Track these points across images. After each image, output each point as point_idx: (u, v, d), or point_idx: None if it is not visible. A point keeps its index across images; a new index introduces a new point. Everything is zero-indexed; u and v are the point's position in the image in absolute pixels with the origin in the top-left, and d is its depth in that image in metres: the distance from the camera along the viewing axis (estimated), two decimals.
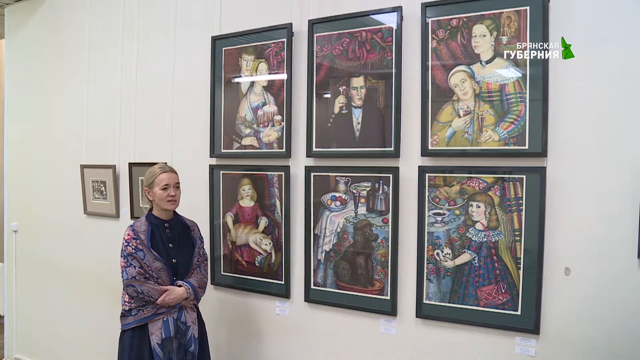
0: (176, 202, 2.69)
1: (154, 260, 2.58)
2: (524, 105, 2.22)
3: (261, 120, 2.97)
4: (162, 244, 2.65)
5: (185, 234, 2.76)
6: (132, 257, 2.56)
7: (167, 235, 2.68)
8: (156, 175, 2.64)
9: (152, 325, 2.58)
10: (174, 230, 2.72)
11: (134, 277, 2.53)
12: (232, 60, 3.08)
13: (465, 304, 2.38)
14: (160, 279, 2.60)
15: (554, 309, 2.20)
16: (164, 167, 2.69)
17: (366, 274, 2.64)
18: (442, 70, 2.41)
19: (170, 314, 2.61)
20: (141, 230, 2.62)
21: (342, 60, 2.68)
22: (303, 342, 2.91)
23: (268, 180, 2.95)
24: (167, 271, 2.61)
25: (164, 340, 2.57)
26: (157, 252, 2.60)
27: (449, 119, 2.39)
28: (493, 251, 2.30)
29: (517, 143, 2.23)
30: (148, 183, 2.66)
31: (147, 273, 2.57)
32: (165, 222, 2.71)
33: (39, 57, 4.31)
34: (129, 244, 2.58)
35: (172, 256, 2.66)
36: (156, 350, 2.55)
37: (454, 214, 2.39)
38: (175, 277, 2.66)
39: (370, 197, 2.61)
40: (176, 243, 2.70)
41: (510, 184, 2.26)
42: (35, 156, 4.38)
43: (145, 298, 2.54)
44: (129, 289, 2.54)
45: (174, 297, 2.58)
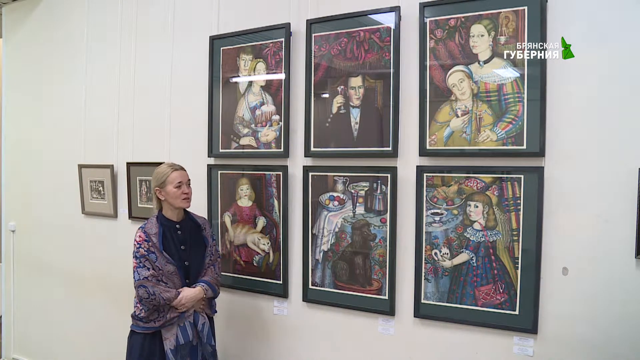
0: (190, 200, 2.68)
1: (167, 263, 2.55)
2: (522, 105, 2.22)
3: (259, 120, 2.97)
4: (174, 246, 2.61)
5: (196, 234, 2.73)
6: (144, 258, 2.52)
7: (179, 237, 2.65)
8: (168, 174, 2.61)
9: (166, 330, 2.55)
10: (185, 231, 2.69)
11: (146, 278, 2.49)
12: (230, 60, 3.09)
13: (463, 304, 2.38)
14: (171, 282, 2.57)
15: (551, 308, 2.21)
16: (173, 165, 2.67)
17: (364, 273, 2.64)
18: (440, 70, 2.41)
19: (187, 319, 2.59)
20: (152, 233, 2.59)
21: (340, 60, 2.69)
22: (301, 342, 2.91)
23: (266, 180, 2.96)
24: (179, 274, 2.59)
25: (178, 347, 2.54)
26: (169, 255, 2.58)
27: (447, 118, 2.39)
28: (491, 251, 2.31)
29: (515, 143, 2.24)
30: (159, 183, 2.62)
31: (159, 276, 2.53)
32: (177, 223, 2.68)
33: (37, 57, 4.32)
34: (141, 245, 2.55)
35: (184, 259, 2.63)
36: (169, 356, 2.51)
37: (452, 213, 2.40)
38: (187, 279, 2.63)
39: (368, 197, 2.62)
40: (188, 244, 2.67)
41: (508, 184, 2.26)
42: (33, 155, 4.38)
43: (156, 301, 2.48)
44: (140, 289, 2.49)
45: (190, 297, 2.56)
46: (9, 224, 4.62)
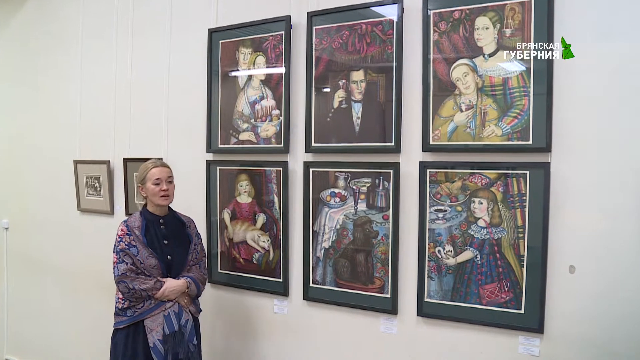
0: (169, 197, 2.69)
1: (149, 256, 2.58)
2: (527, 100, 2.21)
3: (259, 115, 2.96)
4: (157, 240, 2.65)
5: (180, 230, 2.76)
6: (124, 253, 2.56)
7: (162, 232, 2.68)
8: (148, 170, 2.65)
9: (151, 321, 2.56)
10: (168, 226, 2.72)
11: (125, 274, 2.53)
12: (229, 54, 3.08)
13: (467, 302, 2.37)
14: (152, 276, 2.59)
15: (558, 307, 2.20)
16: (155, 162, 2.70)
17: (366, 271, 2.64)
18: (443, 63, 2.40)
19: (171, 308, 2.60)
20: (135, 226, 2.63)
21: (342, 54, 2.67)
22: (302, 342, 2.91)
23: (266, 176, 2.95)
24: (160, 269, 2.61)
25: (166, 336, 2.56)
26: (152, 249, 2.60)
27: (450, 113, 2.38)
28: (496, 248, 2.30)
29: (521, 138, 2.23)
30: (140, 179, 2.67)
31: (139, 270, 2.57)
32: (160, 217, 2.71)
33: (30, 50, 4.29)
34: (122, 239, 2.59)
35: (167, 253, 2.66)
36: (157, 347, 2.53)
37: (456, 210, 2.39)
38: (168, 274, 2.65)
39: (370, 193, 2.61)
40: (171, 239, 2.70)
41: (514, 180, 2.25)
42: (27, 151, 4.36)
43: (137, 294, 2.52)
44: (120, 285, 2.54)
45: (174, 288, 2.59)
46: (2, 221, 4.59)
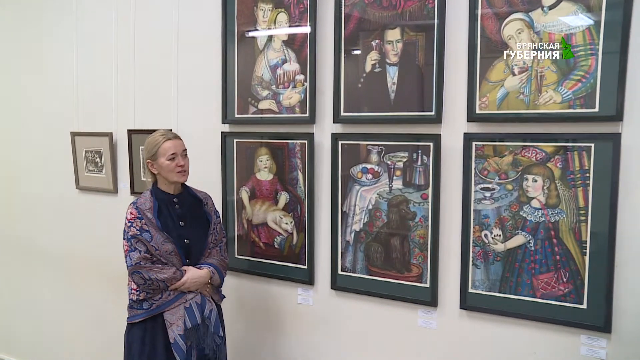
0: (186, 173, 2.66)
1: (164, 241, 2.54)
2: (594, 59, 2.14)
3: (281, 81, 2.92)
4: (172, 222, 2.61)
5: (197, 209, 2.73)
6: (136, 239, 2.52)
7: (177, 212, 2.64)
8: (160, 145, 2.59)
9: (171, 314, 2.54)
10: (184, 205, 2.68)
11: (139, 263, 2.49)
12: (246, 11, 3.03)
13: (518, 294, 2.36)
14: (170, 263, 2.56)
15: (628, 303, 2.16)
16: (166, 133, 2.65)
17: (402, 257, 2.62)
18: (493, 19, 2.34)
19: (193, 299, 2.59)
20: (146, 208, 2.58)
21: (375, 10, 2.62)
22: (328, 336, 2.91)
23: (289, 149, 2.93)
24: (179, 254, 2.58)
25: (188, 330, 2.54)
26: (167, 232, 2.57)
27: (501, 77, 2.34)
28: (552, 233, 2.27)
29: (585, 105, 2.17)
30: (150, 154, 2.61)
31: (155, 257, 2.53)
32: (174, 196, 2.67)
33: (20, 15, 4.24)
34: (133, 224, 2.54)
35: (184, 236, 2.62)
36: (178, 343, 2.51)
37: (506, 189, 2.35)
38: (188, 260, 2.62)
39: (407, 169, 2.59)
40: (188, 220, 2.66)
41: (575, 154, 2.21)
42: (17, 123, 4.33)
43: (154, 285, 2.49)
44: (134, 276, 2.50)
45: (196, 279, 2.57)
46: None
